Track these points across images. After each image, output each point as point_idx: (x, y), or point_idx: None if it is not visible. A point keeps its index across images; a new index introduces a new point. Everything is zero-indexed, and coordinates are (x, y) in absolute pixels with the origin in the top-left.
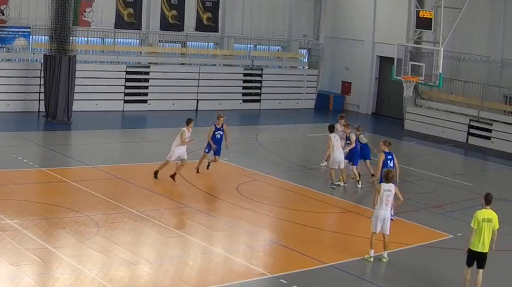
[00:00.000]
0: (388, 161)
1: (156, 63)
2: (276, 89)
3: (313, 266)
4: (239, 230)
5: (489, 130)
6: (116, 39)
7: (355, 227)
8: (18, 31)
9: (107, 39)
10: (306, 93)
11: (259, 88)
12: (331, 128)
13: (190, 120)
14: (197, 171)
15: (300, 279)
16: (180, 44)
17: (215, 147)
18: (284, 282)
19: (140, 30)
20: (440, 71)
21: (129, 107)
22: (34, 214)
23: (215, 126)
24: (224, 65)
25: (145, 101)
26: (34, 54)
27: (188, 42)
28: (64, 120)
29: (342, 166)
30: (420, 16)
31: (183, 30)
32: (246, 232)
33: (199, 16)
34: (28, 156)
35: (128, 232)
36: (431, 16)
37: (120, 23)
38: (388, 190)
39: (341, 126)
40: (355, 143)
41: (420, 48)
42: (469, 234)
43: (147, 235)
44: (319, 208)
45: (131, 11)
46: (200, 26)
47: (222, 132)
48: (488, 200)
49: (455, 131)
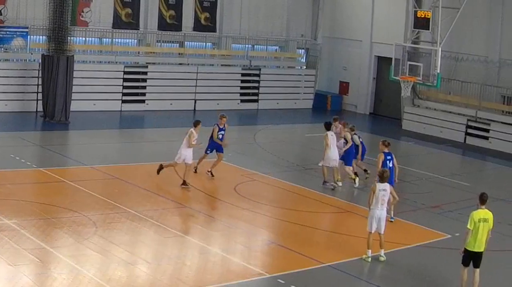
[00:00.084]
0: (387, 161)
1: (154, 63)
2: (274, 89)
3: (311, 266)
4: (237, 230)
5: (487, 130)
6: (114, 39)
7: (353, 227)
8: (16, 31)
9: (105, 39)
10: (304, 93)
11: (257, 88)
12: (327, 126)
13: (198, 122)
14: (195, 170)
15: (298, 279)
16: (178, 44)
17: (226, 143)
18: (282, 282)
19: (138, 30)
20: (438, 71)
21: (127, 107)
22: (32, 214)
23: (218, 126)
24: (222, 65)
25: (143, 101)
26: (32, 54)
27: (186, 42)
28: (62, 120)
29: (336, 165)
30: (418, 16)
31: (181, 30)
32: (244, 232)
33: (197, 16)
34: (26, 156)
35: (126, 232)
36: (429, 16)
37: (118, 23)
38: (384, 189)
39: (336, 129)
40: (351, 142)
41: (418, 48)
42: (465, 235)
43: (145, 235)
44: (317, 208)
45: (129, 11)
46: (198, 26)
47: (224, 132)
48: (483, 199)
49: (453, 131)
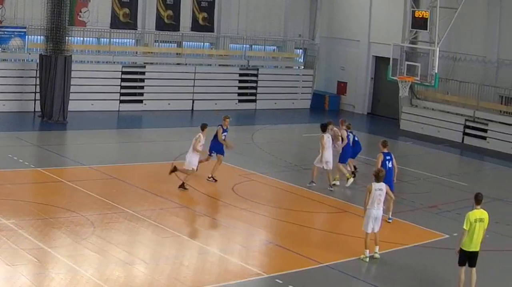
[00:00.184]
0: (386, 161)
1: (151, 63)
2: (272, 89)
3: (308, 266)
4: (235, 230)
5: (484, 131)
6: (111, 39)
7: (351, 227)
8: (13, 31)
9: (102, 39)
10: (301, 93)
11: (255, 88)
12: (323, 128)
13: (205, 126)
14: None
15: (296, 279)
16: (175, 44)
17: (232, 145)
18: (280, 282)
19: (136, 30)
20: (436, 71)
21: (124, 107)
22: (30, 214)
23: (222, 127)
24: (219, 65)
25: (140, 101)
26: (29, 54)
27: (183, 42)
28: (59, 120)
29: (330, 167)
30: (416, 16)
31: (179, 30)
32: (242, 232)
33: (195, 16)
34: (24, 156)
35: (123, 232)
36: (426, 16)
37: (115, 23)
38: (379, 189)
39: (330, 131)
40: (347, 140)
41: (415, 48)
42: (461, 235)
43: (142, 235)
44: (315, 207)
45: (126, 11)
46: (196, 26)
47: (226, 133)
48: (478, 199)
49: (450, 131)
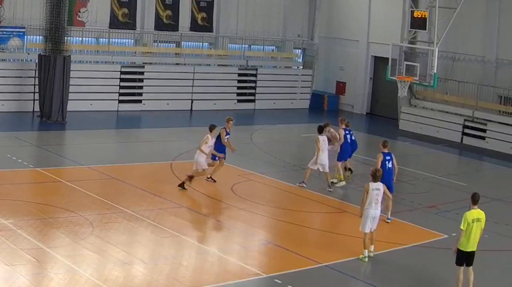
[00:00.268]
0: (386, 161)
1: (150, 63)
2: (271, 89)
3: (307, 266)
4: (234, 230)
5: (483, 130)
6: (110, 39)
7: (350, 227)
8: (12, 31)
9: (101, 39)
10: (300, 93)
11: (254, 88)
12: (320, 129)
13: (213, 127)
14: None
15: (295, 279)
16: (174, 44)
17: (223, 155)
18: (279, 282)
19: (135, 30)
20: (435, 71)
21: (123, 107)
22: (29, 214)
23: (225, 130)
24: (218, 65)
25: (139, 101)
26: (28, 54)
27: (182, 42)
28: (58, 120)
29: (326, 170)
30: (415, 16)
31: (178, 30)
32: (241, 232)
33: (194, 16)
34: (23, 156)
35: (122, 232)
36: (425, 16)
37: (114, 23)
38: (377, 189)
39: (327, 133)
40: (344, 139)
41: (414, 48)
42: (458, 235)
43: (141, 235)
44: (314, 207)
45: (125, 11)
46: (195, 26)
47: (229, 136)
48: (475, 199)
49: (449, 131)
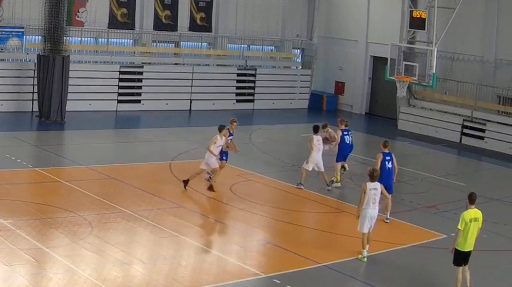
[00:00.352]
0: (386, 161)
1: (149, 63)
2: (270, 89)
3: (306, 266)
4: (233, 230)
5: (482, 130)
6: (109, 39)
7: (349, 227)
8: (11, 31)
9: (100, 39)
10: (299, 93)
11: (253, 88)
12: (315, 129)
13: (222, 127)
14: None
15: (294, 279)
16: (173, 44)
17: (237, 149)
18: (278, 282)
19: (134, 30)
20: (434, 71)
21: (122, 107)
22: (28, 214)
23: (229, 131)
24: (217, 65)
25: (138, 101)
26: (27, 54)
27: (181, 42)
28: (57, 120)
29: (321, 169)
30: (414, 16)
31: (177, 30)
32: (240, 232)
33: (193, 16)
34: (22, 156)
35: (121, 232)
36: (424, 16)
37: (113, 23)
38: (374, 188)
39: (325, 133)
40: (342, 139)
41: (413, 48)
42: (455, 235)
43: (140, 235)
44: (313, 208)
45: (124, 11)
46: (194, 26)
47: (232, 137)
48: (472, 199)
49: (448, 131)
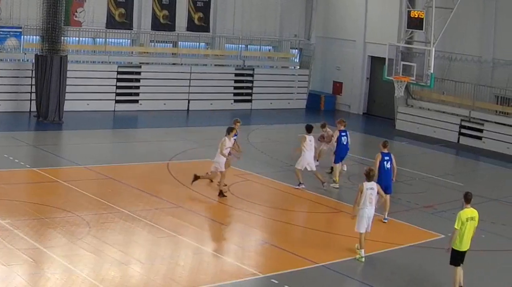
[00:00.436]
0: (384, 161)
1: (147, 63)
2: (268, 89)
3: (304, 266)
4: (231, 230)
5: (480, 130)
6: (107, 39)
7: (346, 227)
8: (9, 31)
9: (98, 39)
10: (297, 93)
11: (251, 88)
12: (308, 128)
13: (231, 129)
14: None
15: (292, 279)
16: (171, 44)
17: (240, 151)
18: (276, 282)
19: (132, 30)
20: (432, 71)
21: (120, 107)
22: (26, 214)
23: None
24: (215, 65)
25: (136, 101)
26: (25, 54)
27: (179, 42)
28: (55, 120)
29: (314, 168)
30: (412, 16)
31: (175, 30)
32: (238, 232)
33: (191, 16)
34: (19, 156)
35: (119, 232)
36: (422, 16)
37: (111, 23)
38: (371, 188)
39: (324, 133)
40: (339, 140)
41: (411, 48)
42: (452, 235)
43: (138, 235)
44: (310, 207)
45: (122, 11)
46: (192, 26)
47: (236, 137)
48: (468, 198)
49: (446, 131)
